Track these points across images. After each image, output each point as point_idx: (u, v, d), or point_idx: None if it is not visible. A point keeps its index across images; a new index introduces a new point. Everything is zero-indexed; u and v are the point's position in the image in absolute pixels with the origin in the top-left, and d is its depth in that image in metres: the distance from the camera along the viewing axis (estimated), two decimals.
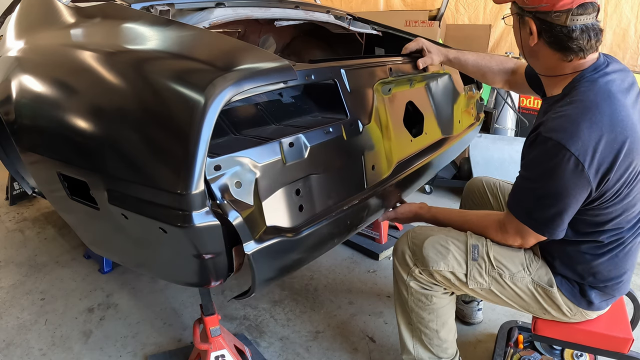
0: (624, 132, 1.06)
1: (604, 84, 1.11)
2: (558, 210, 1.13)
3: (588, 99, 1.09)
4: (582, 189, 1.08)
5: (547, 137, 1.08)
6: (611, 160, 1.06)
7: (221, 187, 1.00)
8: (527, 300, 1.31)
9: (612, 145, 1.05)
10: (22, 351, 1.78)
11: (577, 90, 1.13)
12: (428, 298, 1.35)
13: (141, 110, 1.06)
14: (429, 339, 1.41)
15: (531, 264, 1.29)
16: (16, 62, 1.51)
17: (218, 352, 1.48)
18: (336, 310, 2.01)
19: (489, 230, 1.31)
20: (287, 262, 1.18)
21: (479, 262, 1.28)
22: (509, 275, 1.28)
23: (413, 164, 1.64)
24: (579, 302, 1.27)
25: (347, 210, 1.28)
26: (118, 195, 1.09)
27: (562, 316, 1.31)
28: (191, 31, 1.26)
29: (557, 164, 1.06)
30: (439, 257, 1.30)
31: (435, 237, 1.34)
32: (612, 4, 3.59)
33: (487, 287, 1.30)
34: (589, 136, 1.04)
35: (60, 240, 2.64)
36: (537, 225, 1.18)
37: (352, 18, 2.34)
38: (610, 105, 1.08)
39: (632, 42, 3.60)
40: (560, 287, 1.26)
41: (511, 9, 1.22)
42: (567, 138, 1.05)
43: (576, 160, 1.04)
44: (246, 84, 0.99)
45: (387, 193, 1.48)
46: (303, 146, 1.16)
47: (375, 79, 1.49)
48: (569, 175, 1.06)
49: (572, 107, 1.10)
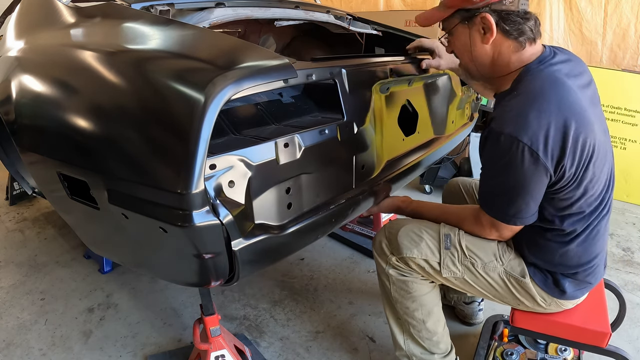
0: (573, 116, 1.08)
1: (550, 73, 1.14)
2: (524, 201, 1.15)
3: (534, 88, 1.12)
4: (542, 176, 1.11)
5: (498, 132, 1.10)
6: (563, 144, 1.08)
7: (215, 186, 1.01)
8: (501, 291, 1.32)
9: (562, 130, 1.07)
10: (22, 351, 1.78)
11: (523, 83, 1.15)
12: (408, 285, 1.37)
13: (141, 109, 1.06)
14: (417, 331, 1.42)
15: (504, 254, 1.30)
16: (16, 62, 1.51)
17: (218, 352, 1.48)
18: (336, 310, 2.01)
19: (466, 222, 1.33)
20: (272, 256, 1.23)
21: (452, 250, 1.30)
22: (481, 265, 1.30)
23: (402, 163, 1.67)
24: (552, 292, 1.28)
25: (333, 208, 1.32)
26: (118, 195, 1.09)
27: (537, 307, 1.32)
28: (191, 30, 1.26)
29: (512, 156, 1.08)
30: (413, 244, 1.32)
31: (410, 226, 1.37)
32: (612, 4, 3.59)
33: (460, 276, 1.32)
34: (538, 125, 1.06)
35: (60, 240, 2.64)
36: (507, 218, 1.21)
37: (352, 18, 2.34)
38: (557, 90, 1.10)
39: (632, 42, 3.60)
40: (533, 278, 1.28)
41: (451, 21, 1.22)
42: (518, 130, 1.07)
43: (529, 149, 1.06)
44: (246, 82, 0.99)
45: (374, 192, 1.51)
46: (297, 147, 1.17)
47: (376, 80, 1.49)
48: (526, 166, 1.08)
49: (519, 98, 1.12)
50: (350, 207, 1.41)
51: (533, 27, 1.17)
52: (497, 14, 1.14)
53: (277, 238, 1.15)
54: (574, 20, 3.77)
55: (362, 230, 2.60)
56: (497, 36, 1.16)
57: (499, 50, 1.19)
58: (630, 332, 1.89)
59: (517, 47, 1.17)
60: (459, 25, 1.21)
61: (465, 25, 1.19)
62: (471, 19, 1.17)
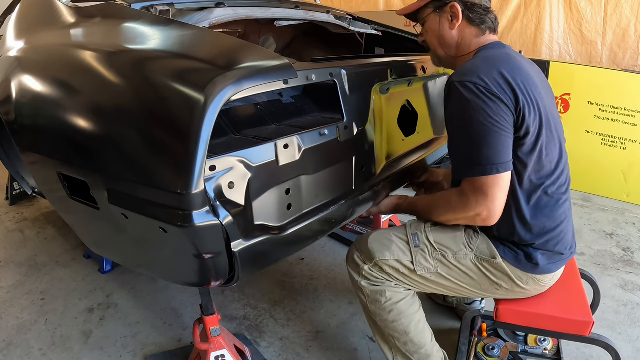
0: (520, 76, 1.20)
1: (502, 51, 1.31)
2: (497, 140, 1.17)
3: (487, 55, 1.29)
4: (502, 106, 1.16)
5: (452, 81, 1.21)
6: (514, 87, 1.17)
7: (215, 187, 1.01)
8: (476, 278, 1.34)
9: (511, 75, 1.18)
10: (22, 351, 1.78)
11: (478, 54, 1.33)
12: (382, 294, 1.37)
13: (141, 109, 1.06)
14: (403, 344, 1.40)
15: (471, 241, 1.34)
16: (16, 62, 1.51)
17: (218, 352, 1.48)
18: (336, 310, 2.01)
19: (452, 202, 1.29)
20: (272, 257, 1.23)
21: (422, 247, 1.35)
22: (452, 255, 1.33)
23: (401, 164, 1.67)
24: (525, 267, 1.30)
25: (333, 210, 1.32)
26: (118, 195, 1.09)
27: (516, 287, 1.34)
28: (191, 30, 1.26)
29: (468, 98, 1.17)
30: (383, 247, 1.37)
31: (378, 232, 1.43)
32: (612, 4, 3.59)
33: (434, 271, 1.34)
34: (487, 69, 1.19)
35: (60, 240, 2.64)
36: (488, 168, 1.17)
37: (352, 18, 2.34)
38: (507, 59, 1.25)
39: (632, 42, 3.59)
40: (504, 257, 1.31)
41: (425, 11, 1.41)
42: (469, 74, 1.19)
43: (482, 85, 1.16)
44: (246, 82, 0.99)
45: (374, 192, 1.51)
46: (297, 148, 1.17)
47: (376, 80, 1.49)
48: (484, 101, 1.15)
49: (472, 60, 1.29)
50: (350, 208, 1.41)
51: (493, 20, 1.37)
52: (464, 4, 1.34)
53: (277, 239, 1.15)
54: (574, 20, 3.77)
55: (362, 230, 2.60)
56: (462, 22, 1.35)
57: (463, 35, 1.37)
58: (630, 332, 1.89)
59: (478, 33, 1.36)
60: (432, 14, 1.40)
61: (437, 13, 1.38)
62: (442, 7, 1.36)
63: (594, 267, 2.37)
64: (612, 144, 3.18)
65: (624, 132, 3.12)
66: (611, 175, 3.23)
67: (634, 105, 3.04)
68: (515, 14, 4.01)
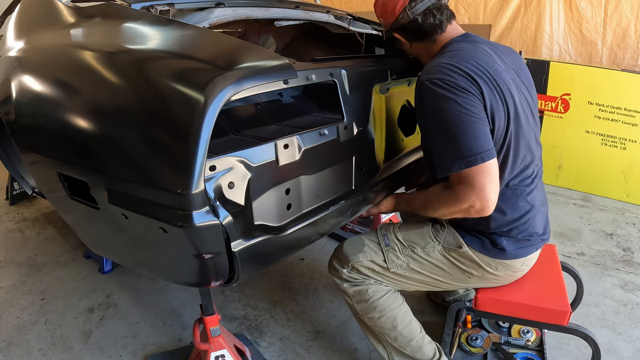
0: (485, 66, 1.22)
1: (471, 41, 1.34)
2: (475, 129, 1.17)
3: (453, 49, 1.31)
4: (472, 98, 1.17)
5: (421, 80, 1.23)
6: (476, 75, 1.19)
7: (215, 187, 1.01)
8: (447, 269, 1.39)
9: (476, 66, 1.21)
10: (22, 351, 1.78)
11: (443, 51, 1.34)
12: (364, 293, 1.42)
13: (141, 109, 1.06)
14: (394, 339, 1.44)
15: (438, 234, 1.39)
16: (16, 62, 1.51)
17: (218, 352, 1.48)
18: (336, 310, 2.01)
19: (442, 196, 1.28)
20: (272, 257, 1.25)
21: (392, 246, 1.41)
22: (420, 249, 1.39)
23: (401, 164, 1.68)
24: (492, 254, 1.34)
25: (333, 210, 1.33)
26: (118, 195, 1.09)
27: (488, 274, 1.37)
28: (191, 30, 1.26)
29: (440, 93, 1.18)
30: (357, 250, 1.43)
31: (352, 238, 1.50)
32: (612, 4, 3.59)
33: (407, 267, 1.40)
34: (451, 65, 1.21)
35: (60, 240, 2.64)
36: (472, 159, 1.16)
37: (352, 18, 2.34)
38: (475, 50, 1.28)
39: (632, 42, 3.59)
40: (470, 245, 1.35)
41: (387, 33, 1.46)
42: (436, 71, 1.21)
43: (449, 80, 1.17)
44: (246, 82, 0.99)
45: (374, 192, 1.52)
46: (297, 148, 1.17)
47: (376, 80, 1.49)
48: (455, 94, 1.16)
49: (439, 57, 1.30)
50: (350, 208, 1.42)
51: (432, 23, 1.34)
52: (401, 30, 1.39)
53: (277, 239, 1.15)
54: (574, 20, 3.77)
55: (362, 230, 2.60)
56: (414, 43, 1.42)
57: (423, 47, 1.42)
58: (630, 332, 1.89)
59: (429, 42, 1.39)
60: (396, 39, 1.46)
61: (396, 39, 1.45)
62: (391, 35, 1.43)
63: (594, 267, 2.37)
64: (612, 144, 3.18)
65: (624, 132, 3.12)
66: (611, 175, 3.23)
67: (634, 105, 3.04)
68: (515, 14, 4.01)
